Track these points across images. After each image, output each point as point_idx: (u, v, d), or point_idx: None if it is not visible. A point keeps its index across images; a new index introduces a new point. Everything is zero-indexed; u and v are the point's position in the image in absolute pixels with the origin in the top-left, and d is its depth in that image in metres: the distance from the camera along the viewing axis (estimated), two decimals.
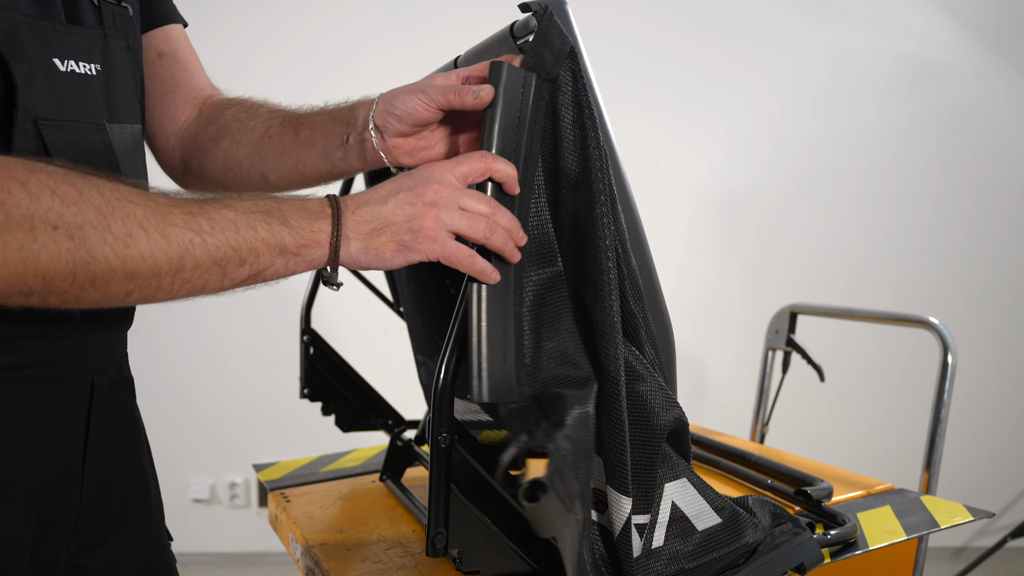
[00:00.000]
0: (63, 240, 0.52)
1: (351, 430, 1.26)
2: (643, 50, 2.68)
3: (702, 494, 0.74)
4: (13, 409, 0.69)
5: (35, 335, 0.69)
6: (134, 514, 0.86)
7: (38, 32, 0.67)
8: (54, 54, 0.68)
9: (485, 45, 0.83)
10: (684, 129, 2.73)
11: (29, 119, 0.65)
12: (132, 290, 0.56)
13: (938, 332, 1.44)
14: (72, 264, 0.52)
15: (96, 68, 0.74)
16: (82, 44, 0.72)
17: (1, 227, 0.50)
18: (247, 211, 0.60)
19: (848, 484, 1.07)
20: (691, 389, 2.84)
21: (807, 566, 0.76)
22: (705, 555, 0.71)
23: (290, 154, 0.82)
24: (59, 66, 0.69)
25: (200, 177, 0.91)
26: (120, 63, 0.78)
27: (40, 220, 0.51)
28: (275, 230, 0.60)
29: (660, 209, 2.73)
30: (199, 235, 0.57)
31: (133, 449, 0.87)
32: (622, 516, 0.67)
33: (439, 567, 0.88)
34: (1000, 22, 2.80)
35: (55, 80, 0.68)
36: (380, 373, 1.42)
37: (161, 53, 0.90)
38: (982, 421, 2.87)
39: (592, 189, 0.68)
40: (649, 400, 0.69)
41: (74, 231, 0.52)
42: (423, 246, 0.63)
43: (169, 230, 0.56)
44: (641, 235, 0.76)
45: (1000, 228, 2.87)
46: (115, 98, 0.77)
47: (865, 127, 2.79)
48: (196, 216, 0.57)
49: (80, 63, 0.71)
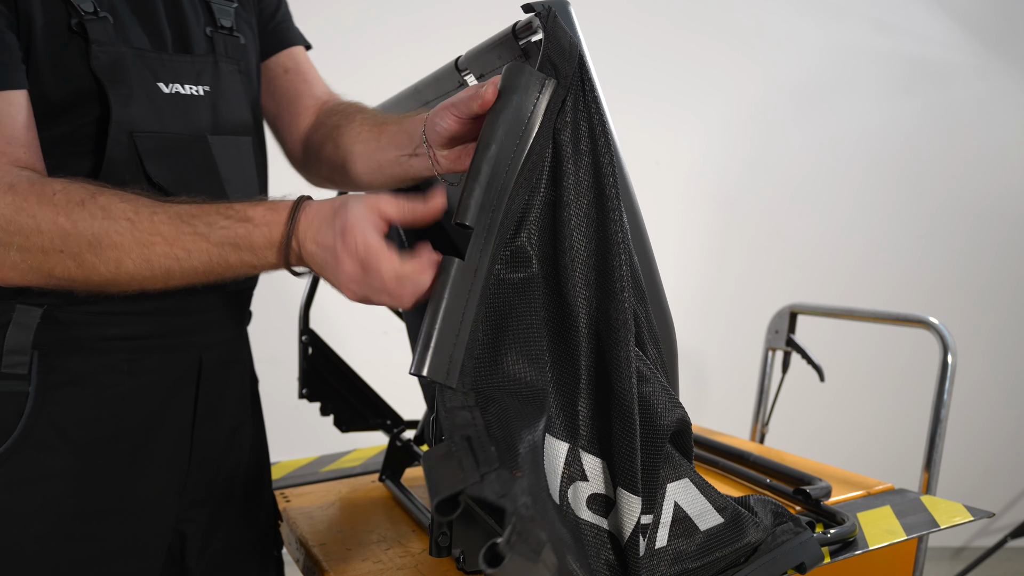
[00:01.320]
0: (68, 261, 0.69)
1: (350, 430, 1.26)
2: (644, 50, 2.67)
3: (704, 494, 0.73)
4: (125, 373, 0.84)
5: (144, 311, 0.84)
6: (240, 487, 0.98)
7: (145, 61, 0.82)
8: (159, 79, 0.84)
9: (487, 45, 0.83)
10: (684, 129, 2.73)
11: (124, 131, 0.80)
12: (138, 291, 0.72)
13: (938, 332, 1.44)
14: (78, 276, 0.70)
15: (204, 89, 0.89)
16: (190, 69, 0.87)
17: (24, 251, 0.69)
18: (218, 242, 0.70)
19: (848, 484, 1.07)
20: (691, 389, 2.84)
21: (808, 565, 0.76)
22: (708, 555, 0.71)
23: (373, 159, 0.91)
24: (163, 88, 0.84)
25: (315, 176, 1.07)
26: (230, 84, 0.93)
27: (50, 247, 0.69)
28: (244, 259, 0.70)
29: (660, 209, 2.73)
30: (176, 260, 0.70)
31: (241, 426, 0.99)
32: (633, 516, 0.67)
33: (439, 567, 0.88)
34: (1000, 22, 2.80)
35: (157, 100, 0.83)
36: (380, 373, 1.42)
37: (286, 69, 1.07)
38: (982, 421, 2.86)
39: (605, 194, 0.68)
40: (652, 401, 0.69)
41: (75, 256, 0.69)
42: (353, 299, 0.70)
43: (152, 257, 0.69)
44: (643, 234, 0.76)
45: (1000, 228, 2.87)
46: (221, 114, 0.91)
47: (865, 127, 2.79)
48: (174, 246, 0.70)
49: (186, 85, 0.87)
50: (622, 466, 0.67)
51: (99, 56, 0.78)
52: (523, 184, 0.68)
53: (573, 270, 0.68)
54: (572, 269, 0.68)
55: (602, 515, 0.70)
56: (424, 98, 1.09)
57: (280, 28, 1.06)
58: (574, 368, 0.69)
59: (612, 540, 0.70)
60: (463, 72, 0.90)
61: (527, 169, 0.68)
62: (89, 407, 0.82)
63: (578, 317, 0.68)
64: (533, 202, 0.69)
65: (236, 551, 0.99)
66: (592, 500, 0.69)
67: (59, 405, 0.80)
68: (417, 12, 2.59)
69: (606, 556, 0.69)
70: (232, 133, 0.92)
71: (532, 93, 0.68)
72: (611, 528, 0.70)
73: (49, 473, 0.80)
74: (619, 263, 0.67)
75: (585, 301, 0.68)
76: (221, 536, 0.97)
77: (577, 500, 0.69)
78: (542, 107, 0.68)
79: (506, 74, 0.69)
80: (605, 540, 0.69)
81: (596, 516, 0.70)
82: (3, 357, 0.79)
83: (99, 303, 0.79)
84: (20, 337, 0.79)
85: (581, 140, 0.69)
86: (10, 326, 0.79)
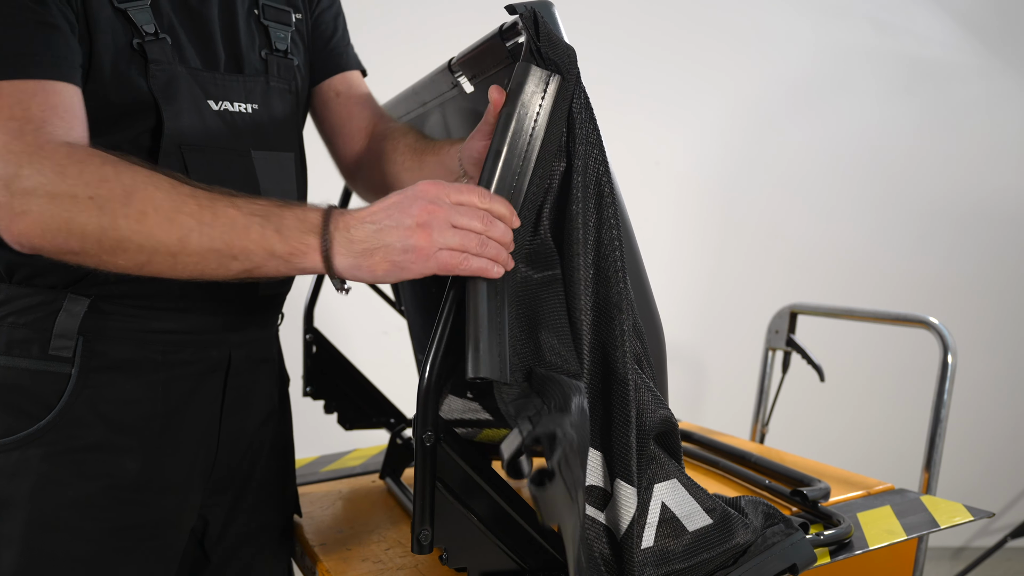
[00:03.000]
0: (94, 209, 0.68)
1: (353, 428, 1.26)
2: (644, 51, 2.67)
3: (692, 495, 0.74)
4: (160, 363, 0.90)
5: (184, 308, 0.90)
6: (262, 479, 1.02)
7: (197, 80, 0.89)
8: (209, 96, 0.90)
9: (477, 47, 0.84)
10: (684, 129, 2.73)
11: (174, 144, 0.86)
12: (145, 262, 0.70)
13: (938, 332, 1.44)
14: (100, 228, 0.68)
15: (253, 107, 0.94)
16: (240, 88, 0.93)
17: (54, 196, 0.68)
18: (249, 212, 0.69)
19: (848, 484, 1.08)
20: (691, 389, 2.84)
21: (799, 567, 0.76)
22: (696, 555, 0.71)
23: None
24: (212, 106, 0.90)
25: (368, 195, 1.13)
26: (279, 103, 0.98)
27: (82, 192, 0.68)
28: (267, 235, 0.68)
29: (660, 209, 2.73)
30: (200, 224, 0.68)
31: (268, 420, 1.04)
32: (630, 508, 0.67)
33: (439, 567, 0.88)
34: (1000, 22, 2.80)
35: (206, 116, 0.89)
36: (382, 372, 1.42)
37: (338, 92, 1.10)
38: (982, 421, 2.86)
39: (601, 192, 0.69)
40: (638, 399, 0.70)
41: (103, 203, 0.68)
42: (416, 266, 0.67)
43: (176, 216, 0.68)
44: (629, 229, 0.78)
45: (1000, 228, 2.87)
46: (266, 130, 0.96)
47: (865, 127, 2.79)
48: (204, 209, 0.69)
49: (235, 103, 0.92)
50: (618, 458, 0.68)
51: (156, 75, 0.85)
52: (537, 183, 0.69)
53: (577, 264, 0.69)
54: (577, 263, 0.69)
55: (598, 508, 0.70)
56: (422, 99, 1.09)
57: (335, 53, 1.11)
58: (577, 361, 0.69)
59: (608, 535, 0.70)
60: (456, 74, 0.90)
61: (540, 168, 0.69)
62: (125, 390, 0.88)
63: (581, 311, 0.69)
64: (547, 201, 0.70)
65: (253, 540, 1.03)
66: (589, 492, 0.70)
67: (97, 387, 0.86)
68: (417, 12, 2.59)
69: (600, 549, 0.69)
70: (276, 149, 0.97)
71: (537, 94, 0.68)
72: (608, 522, 0.70)
73: (86, 446, 0.86)
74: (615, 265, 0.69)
75: (587, 296, 0.69)
76: (240, 524, 1.01)
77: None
78: (548, 104, 0.69)
79: (513, 76, 0.69)
80: (600, 533, 0.70)
81: (593, 509, 0.70)
82: (52, 340, 0.85)
83: (144, 299, 0.87)
84: (68, 323, 0.85)
85: (583, 143, 0.70)
86: (60, 313, 0.85)
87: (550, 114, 0.69)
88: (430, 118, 1.11)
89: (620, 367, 0.68)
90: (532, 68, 0.69)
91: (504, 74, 0.73)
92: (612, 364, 0.69)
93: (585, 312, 0.69)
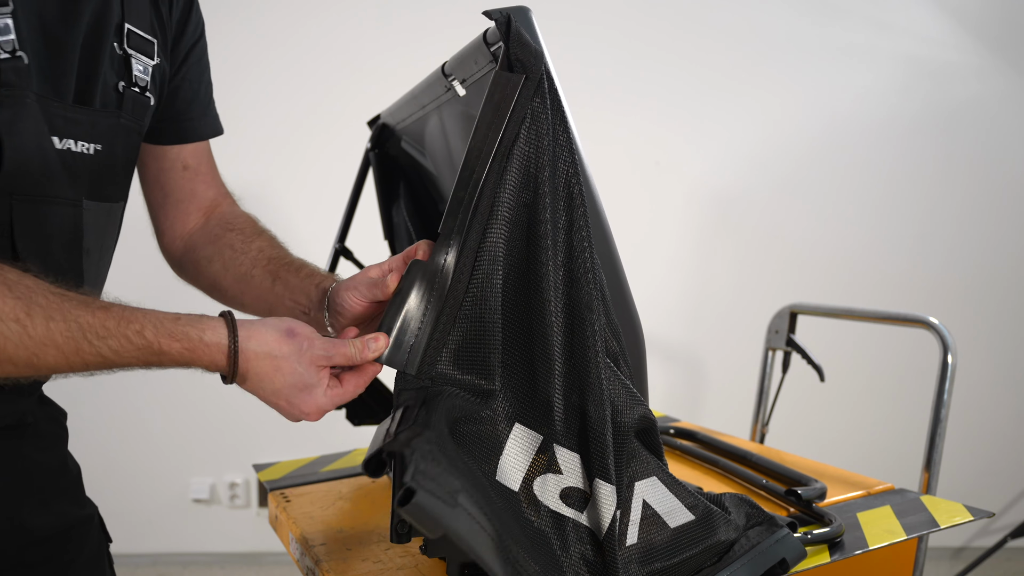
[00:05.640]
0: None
1: (361, 424, 1.26)
2: (643, 52, 2.68)
3: (673, 492, 0.74)
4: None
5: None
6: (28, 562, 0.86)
7: (44, 110, 0.73)
8: (54, 132, 0.75)
9: (465, 51, 0.84)
10: (684, 130, 2.73)
11: (5, 192, 0.72)
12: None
13: (938, 332, 1.44)
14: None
15: (96, 148, 0.80)
16: (86, 124, 0.78)
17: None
18: (124, 365, 0.66)
19: (848, 484, 1.08)
20: (691, 389, 2.84)
21: (789, 562, 0.75)
22: (679, 553, 0.71)
23: (265, 300, 0.91)
24: (56, 143, 0.75)
25: (192, 282, 1.02)
26: (125, 146, 0.85)
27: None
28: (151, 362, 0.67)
29: (659, 209, 2.74)
30: (67, 367, 0.64)
31: (13, 498, 0.85)
32: (610, 507, 0.67)
33: (439, 567, 0.88)
34: (1000, 22, 2.80)
35: (48, 157, 0.75)
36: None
37: (186, 166, 1.00)
38: (982, 421, 2.87)
39: (571, 192, 0.71)
40: (612, 398, 0.70)
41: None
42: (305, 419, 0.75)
43: (39, 364, 0.63)
44: (605, 229, 0.78)
45: (1000, 228, 2.88)
46: (105, 177, 0.83)
47: (865, 127, 2.79)
48: (70, 358, 0.63)
49: (79, 142, 0.78)
50: (596, 457, 0.68)
51: (4, 102, 0.70)
52: (491, 186, 0.71)
53: (547, 269, 0.70)
54: (546, 268, 0.70)
55: (578, 510, 0.70)
56: (420, 103, 1.10)
57: (192, 117, 0.98)
58: (548, 362, 0.70)
59: (591, 536, 0.70)
60: (449, 78, 0.91)
61: (494, 172, 0.70)
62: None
63: (552, 313, 0.70)
64: (500, 199, 0.71)
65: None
66: (567, 494, 0.70)
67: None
68: (417, 12, 2.59)
69: (582, 550, 0.69)
70: (108, 200, 0.86)
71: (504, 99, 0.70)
72: (589, 523, 0.70)
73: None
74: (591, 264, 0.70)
75: (557, 298, 0.70)
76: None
77: (546, 491, 0.69)
78: (510, 105, 0.70)
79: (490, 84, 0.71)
80: (583, 535, 0.70)
81: (572, 510, 0.70)
82: None
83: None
84: None
85: (550, 146, 0.71)
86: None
87: (510, 114, 0.70)
88: (429, 121, 1.11)
89: (593, 367, 0.68)
90: (502, 75, 0.70)
91: (490, 78, 0.73)
92: (585, 364, 0.69)
93: (556, 315, 0.69)
